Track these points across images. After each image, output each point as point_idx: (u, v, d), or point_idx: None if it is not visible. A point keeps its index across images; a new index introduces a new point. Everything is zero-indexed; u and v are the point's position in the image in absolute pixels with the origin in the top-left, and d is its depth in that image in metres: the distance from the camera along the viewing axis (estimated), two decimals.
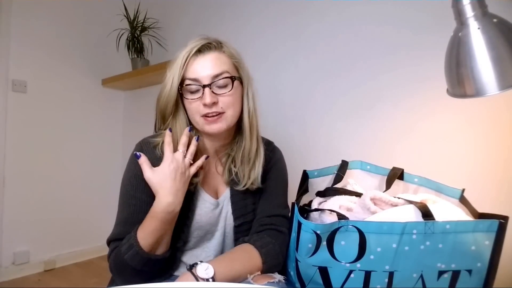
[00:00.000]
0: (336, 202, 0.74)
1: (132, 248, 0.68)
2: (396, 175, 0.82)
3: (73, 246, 2.17)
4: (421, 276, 0.61)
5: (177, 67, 0.74)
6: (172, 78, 0.75)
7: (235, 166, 0.83)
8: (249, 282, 0.70)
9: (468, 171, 1.04)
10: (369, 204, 0.69)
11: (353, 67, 1.33)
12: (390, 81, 1.22)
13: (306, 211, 0.77)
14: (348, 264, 0.61)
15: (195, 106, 0.75)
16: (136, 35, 2.13)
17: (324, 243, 0.62)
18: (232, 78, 0.76)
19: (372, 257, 0.61)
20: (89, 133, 2.28)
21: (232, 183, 0.84)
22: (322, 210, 0.73)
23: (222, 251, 0.86)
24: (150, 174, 0.72)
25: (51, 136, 2.09)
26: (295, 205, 0.71)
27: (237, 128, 0.83)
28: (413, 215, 0.64)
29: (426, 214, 0.62)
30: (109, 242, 0.76)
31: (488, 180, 1.01)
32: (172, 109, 0.78)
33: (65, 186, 2.15)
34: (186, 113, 0.80)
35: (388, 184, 0.81)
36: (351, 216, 0.70)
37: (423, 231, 0.59)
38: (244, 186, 0.82)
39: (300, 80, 1.50)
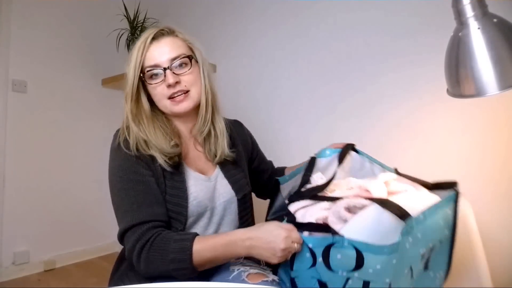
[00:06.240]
0: (310, 217, 0.67)
1: (183, 251, 0.66)
2: (347, 151, 0.85)
3: (73, 246, 2.17)
4: (411, 268, 0.60)
5: (135, 57, 0.77)
6: (133, 69, 0.78)
7: (212, 143, 0.86)
8: (244, 281, 0.69)
9: (467, 171, 1.04)
10: (345, 215, 0.63)
11: (353, 68, 1.33)
12: (390, 82, 1.23)
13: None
14: (345, 273, 0.59)
15: (160, 90, 0.78)
16: (136, 35, 2.12)
17: (320, 259, 0.60)
18: (190, 57, 0.80)
19: (371, 271, 0.57)
20: (89, 133, 2.28)
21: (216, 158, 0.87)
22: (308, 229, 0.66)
23: (220, 229, 0.86)
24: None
25: (51, 136, 2.09)
26: (285, 218, 0.68)
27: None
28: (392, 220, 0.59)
29: (402, 214, 0.57)
30: (123, 233, 0.72)
31: (487, 180, 1.01)
32: (134, 97, 0.79)
33: (65, 186, 2.15)
34: (148, 101, 0.82)
35: (340, 160, 0.82)
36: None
37: (406, 231, 0.56)
38: (220, 158, 0.85)
39: (301, 81, 1.50)
